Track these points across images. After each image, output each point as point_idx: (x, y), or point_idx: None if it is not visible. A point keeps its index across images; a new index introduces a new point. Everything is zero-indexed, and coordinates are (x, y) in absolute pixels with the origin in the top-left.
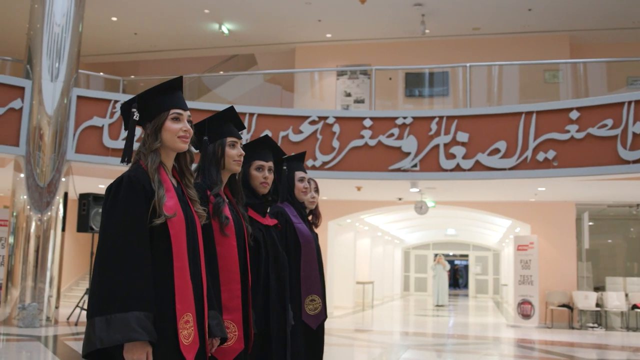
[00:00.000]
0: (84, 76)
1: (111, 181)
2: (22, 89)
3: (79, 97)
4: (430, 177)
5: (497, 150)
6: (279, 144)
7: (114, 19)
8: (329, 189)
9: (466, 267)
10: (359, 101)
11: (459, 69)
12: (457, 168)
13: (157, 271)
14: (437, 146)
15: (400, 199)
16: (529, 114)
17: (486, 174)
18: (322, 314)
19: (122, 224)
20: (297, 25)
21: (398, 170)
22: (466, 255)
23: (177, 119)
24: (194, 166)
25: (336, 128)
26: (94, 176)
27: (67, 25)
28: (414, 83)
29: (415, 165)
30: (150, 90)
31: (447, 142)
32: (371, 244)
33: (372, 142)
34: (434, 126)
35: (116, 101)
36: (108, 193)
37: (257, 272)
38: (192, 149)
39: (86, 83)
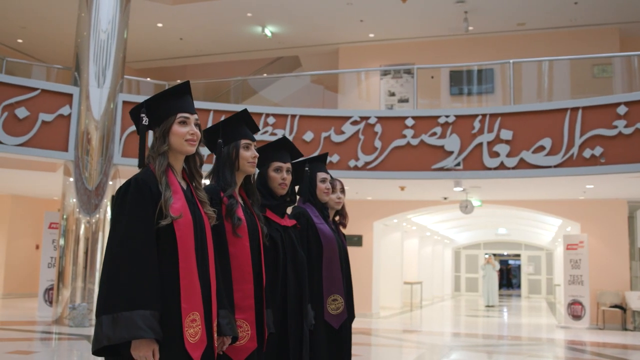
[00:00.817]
0: (135, 82)
1: None
2: (70, 95)
3: (125, 102)
4: (474, 176)
5: (542, 148)
6: (321, 145)
7: (160, 25)
8: (372, 189)
9: (519, 267)
10: (403, 100)
11: (502, 65)
12: (501, 166)
13: (164, 271)
14: (481, 144)
15: (445, 198)
16: (574, 110)
17: (531, 172)
18: (344, 314)
19: (129, 225)
20: (339, 26)
21: (441, 169)
22: (518, 255)
23: (184, 122)
24: (209, 168)
25: (378, 128)
26: None
27: (113, 32)
28: (459, 81)
29: (458, 164)
30: (158, 95)
31: (490, 140)
32: (419, 244)
33: (415, 142)
34: (477, 124)
35: None
36: (117, 195)
37: (275, 272)
38: (201, 151)
39: (137, 89)
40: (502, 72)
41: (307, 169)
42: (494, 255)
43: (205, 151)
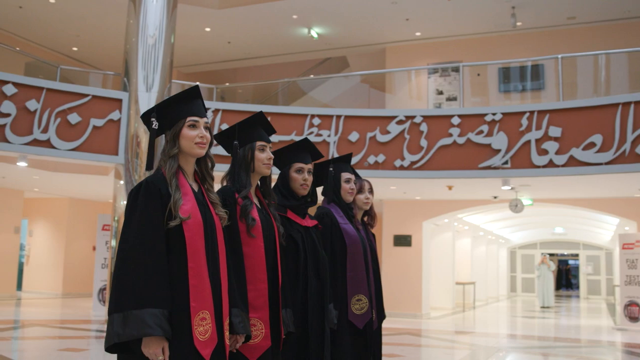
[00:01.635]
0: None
1: None
2: (120, 100)
3: None
4: (522, 174)
5: (592, 144)
6: (366, 145)
7: (208, 29)
8: (420, 189)
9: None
10: (452, 99)
11: (552, 60)
12: (550, 164)
13: (173, 270)
14: (529, 142)
15: (495, 197)
16: (626, 105)
17: (581, 169)
18: (369, 314)
19: (139, 227)
20: (385, 26)
21: (488, 168)
22: (577, 255)
23: (193, 126)
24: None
25: (424, 127)
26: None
27: (160, 37)
28: (509, 78)
29: (506, 163)
30: (168, 100)
31: (538, 138)
32: (472, 244)
33: (461, 140)
34: (524, 121)
35: (207, 108)
36: (129, 197)
37: (296, 272)
38: (211, 154)
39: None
40: (553, 67)
41: (331, 169)
42: (552, 255)
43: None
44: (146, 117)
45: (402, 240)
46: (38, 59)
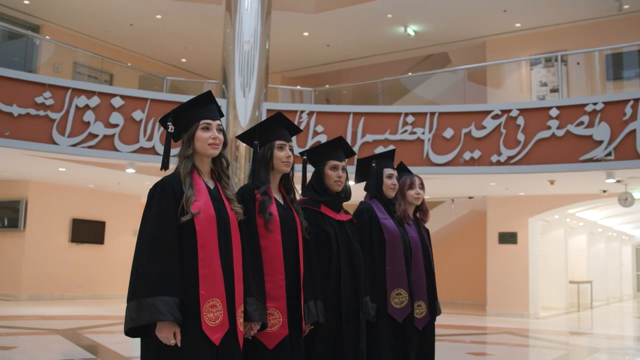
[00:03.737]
0: (288, 90)
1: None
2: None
3: (269, 110)
4: (627, 166)
5: None
6: (461, 141)
7: (306, 34)
8: (520, 185)
9: None
10: (556, 90)
11: None
12: None
13: (185, 261)
14: (633, 132)
15: (604, 191)
16: None
17: None
18: (408, 308)
19: (153, 222)
20: (483, 19)
21: (590, 160)
22: None
23: (207, 128)
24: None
25: (520, 120)
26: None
27: (255, 43)
28: (620, 65)
29: (609, 154)
30: (183, 105)
31: None
32: (588, 241)
33: (560, 133)
34: (628, 110)
35: (302, 111)
36: (148, 196)
37: (328, 264)
38: (225, 154)
39: (291, 97)
40: None
41: (374, 164)
42: None
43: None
44: (163, 121)
45: (508, 238)
46: (146, 72)
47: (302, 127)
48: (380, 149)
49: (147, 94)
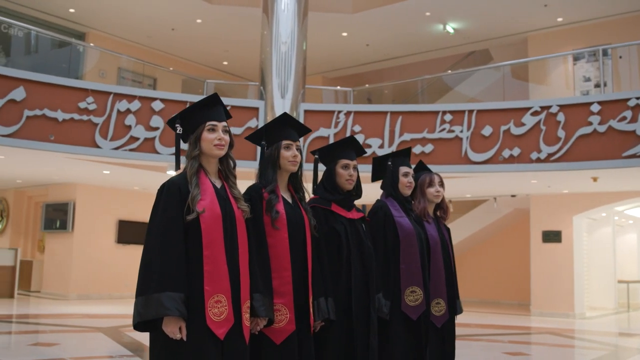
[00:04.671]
0: (328, 91)
1: None
2: (257, 109)
3: (306, 111)
4: None
5: None
6: (500, 139)
7: (344, 34)
8: (563, 182)
9: None
10: (600, 85)
11: None
12: None
13: (191, 258)
14: None
15: None
16: None
17: None
18: (423, 306)
19: (160, 221)
20: (523, 14)
21: (634, 156)
22: None
23: (212, 129)
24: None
25: (560, 117)
26: None
27: (292, 44)
28: None
29: None
30: (190, 108)
31: None
32: (639, 239)
33: (602, 128)
34: None
35: (339, 111)
36: (156, 196)
37: (339, 262)
38: (231, 154)
39: (335, 97)
40: None
41: (389, 163)
42: None
43: None
44: (172, 123)
45: (552, 237)
46: (187, 75)
47: (339, 127)
48: (418, 148)
49: (186, 97)
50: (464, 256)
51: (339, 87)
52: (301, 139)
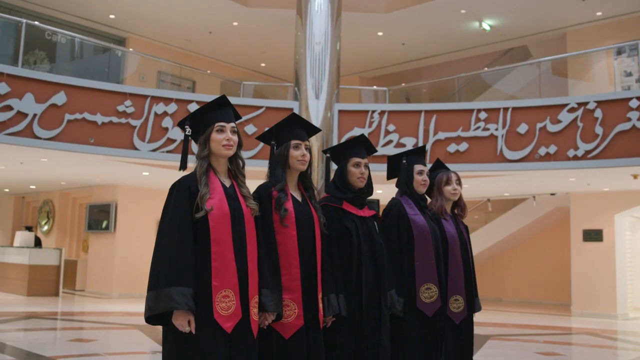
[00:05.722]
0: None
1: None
2: (291, 109)
3: (340, 111)
4: None
5: None
6: (536, 136)
7: (380, 33)
8: (603, 180)
9: None
10: None
11: None
12: None
13: (200, 254)
14: None
15: None
16: None
17: None
18: (438, 302)
19: (170, 219)
20: (561, 9)
21: None
22: None
23: (221, 130)
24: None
25: (598, 113)
26: None
27: (326, 45)
28: None
29: None
30: (200, 109)
31: None
32: None
33: None
34: None
35: (373, 111)
36: (167, 195)
37: (349, 259)
38: (240, 154)
39: (375, 97)
40: None
41: (404, 161)
42: None
43: None
44: (181, 125)
45: (593, 235)
46: (224, 78)
47: (373, 126)
48: (452, 147)
49: None
50: (503, 256)
51: (374, 87)
52: (335, 138)
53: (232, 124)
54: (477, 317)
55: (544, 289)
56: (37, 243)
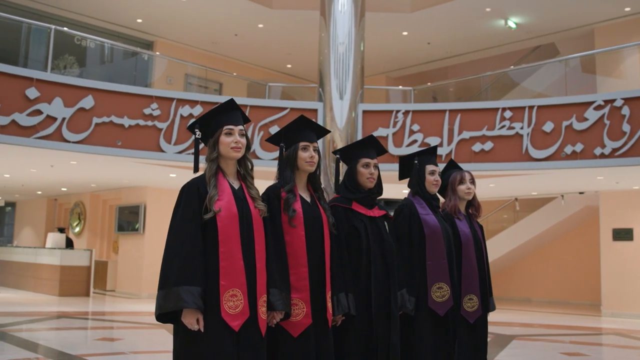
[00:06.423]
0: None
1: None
2: (315, 110)
3: (364, 112)
4: None
5: None
6: (562, 135)
7: (405, 33)
8: (629, 178)
9: None
10: None
11: None
12: None
13: (208, 254)
14: None
15: None
16: None
17: None
18: (450, 302)
19: (179, 220)
20: (588, 5)
21: None
22: None
23: (229, 133)
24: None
25: (625, 110)
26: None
27: (349, 45)
28: None
29: None
30: (209, 113)
31: None
32: None
33: None
34: None
35: (397, 111)
36: (178, 196)
37: (358, 259)
38: (249, 156)
39: (403, 97)
40: None
41: (416, 161)
42: None
43: None
44: (191, 128)
45: (623, 234)
46: (250, 80)
47: (397, 126)
48: (477, 146)
49: (247, 100)
50: (532, 255)
51: (400, 87)
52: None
53: (241, 127)
54: (504, 317)
55: (574, 288)
56: (69, 244)
